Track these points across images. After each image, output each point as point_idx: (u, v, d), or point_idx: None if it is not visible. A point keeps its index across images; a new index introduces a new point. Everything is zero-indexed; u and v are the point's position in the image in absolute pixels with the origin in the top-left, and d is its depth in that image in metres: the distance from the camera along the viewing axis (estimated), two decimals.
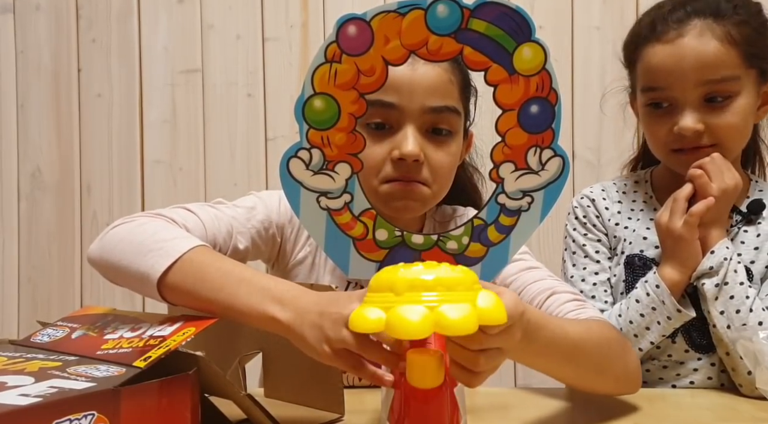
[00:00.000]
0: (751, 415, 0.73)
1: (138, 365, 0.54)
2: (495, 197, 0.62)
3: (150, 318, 0.64)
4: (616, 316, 0.88)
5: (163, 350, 0.55)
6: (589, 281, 0.94)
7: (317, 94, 0.59)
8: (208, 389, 0.62)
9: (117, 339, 0.61)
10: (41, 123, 1.64)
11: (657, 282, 0.84)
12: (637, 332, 0.86)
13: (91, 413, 0.47)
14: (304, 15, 1.57)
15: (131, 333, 0.62)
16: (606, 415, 0.71)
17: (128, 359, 0.55)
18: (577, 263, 0.96)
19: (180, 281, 0.65)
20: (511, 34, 0.57)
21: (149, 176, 1.61)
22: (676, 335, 0.87)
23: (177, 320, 0.62)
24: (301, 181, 0.61)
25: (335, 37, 0.57)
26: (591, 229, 0.96)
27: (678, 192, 0.84)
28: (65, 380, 0.51)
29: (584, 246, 0.96)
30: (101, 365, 0.55)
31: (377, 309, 0.45)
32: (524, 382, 1.48)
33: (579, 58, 1.55)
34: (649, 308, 0.84)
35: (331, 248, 0.63)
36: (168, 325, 0.61)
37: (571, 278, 0.95)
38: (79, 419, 0.46)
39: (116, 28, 1.62)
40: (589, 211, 0.97)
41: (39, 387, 0.48)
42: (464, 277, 0.47)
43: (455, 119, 0.80)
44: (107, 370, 0.54)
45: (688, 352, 0.88)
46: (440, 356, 0.48)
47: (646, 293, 0.85)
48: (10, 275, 1.65)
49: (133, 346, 0.58)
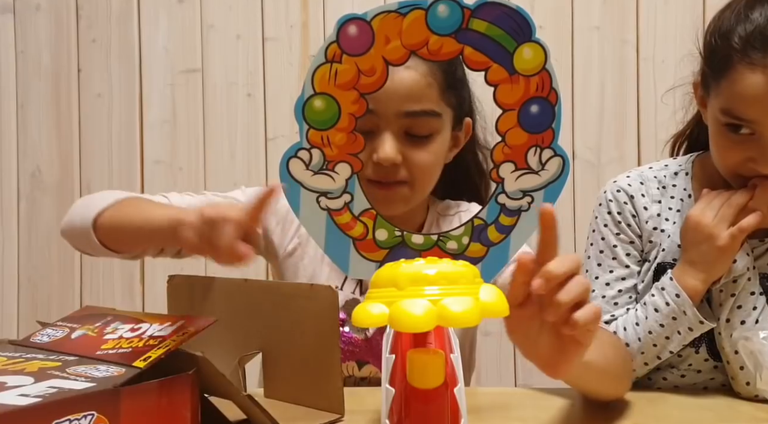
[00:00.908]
0: (751, 415, 0.73)
1: (138, 366, 0.54)
2: (495, 197, 0.62)
3: (150, 318, 0.65)
4: (633, 324, 0.83)
5: (162, 350, 0.55)
6: (614, 287, 0.86)
7: (317, 94, 0.59)
8: (208, 389, 0.62)
9: (117, 339, 0.61)
10: (41, 123, 1.64)
11: (677, 291, 0.78)
12: (657, 341, 0.81)
13: (91, 413, 0.47)
14: (304, 15, 1.57)
15: (131, 333, 0.62)
16: (606, 415, 0.71)
17: (128, 359, 0.55)
18: (604, 263, 0.87)
19: (108, 218, 0.76)
20: (512, 34, 0.57)
21: (149, 176, 1.61)
22: (701, 344, 0.83)
23: (177, 319, 0.62)
24: (301, 181, 0.61)
25: (336, 37, 0.57)
26: (625, 229, 0.87)
27: (734, 198, 0.77)
28: (65, 380, 0.51)
29: (615, 247, 0.87)
30: (101, 365, 0.55)
31: (380, 304, 0.45)
32: (524, 382, 1.48)
33: (579, 58, 1.55)
34: (669, 317, 0.79)
35: (331, 248, 0.63)
36: (168, 325, 0.61)
37: (596, 279, 0.87)
38: (79, 419, 0.46)
39: (116, 28, 1.62)
40: (626, 208, 0.87)
41: (39, 387, 0.48)
42: (466, 271, 0.47)
43: (434, 121, 0.82)
44: (107, 370, 0.54)
45: (708, 361, 0.84)
46: (441, 356, 0.48)
47: (666, 302, 0.79)
48: (10, 275, 1.65)
49: (133, 346, 0.58)
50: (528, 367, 1.50)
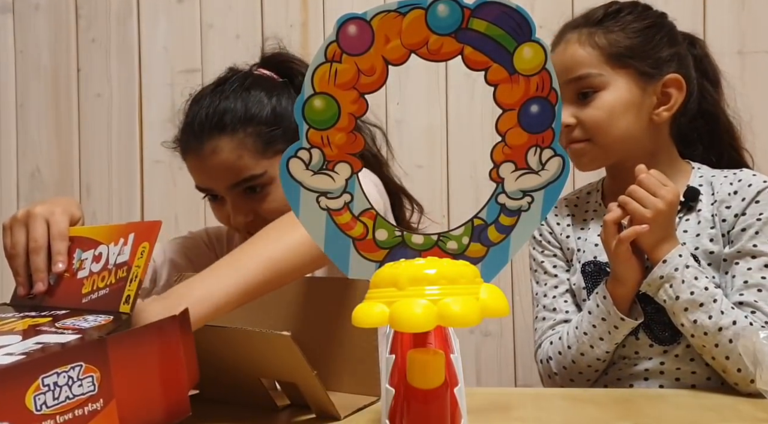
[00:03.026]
0: (751, 415, 0.73)
1: (124, 311, 0.54)
2: (495, 197, 0.62)
3: (102, 235, 0.66)
4: (573, 328, 0.91)
5: (135, 284, 0.57)
6: (549, 295, 0.99)
7: (317, 94, 0.59)
8: (266, 370, 0.62)
9: (89, 277, 0.63)
10: (41, 123, 1.64)
11: (604, 293, 0.88)
12: (592, 342, 0.89)
13: (79, 364, 0.47)
14: (304, 15, 1.57)
15: (97, 265, 0.63)
16: (606, 415, 0.71)
17: (112, 305, 0.56)
18: (539, 280, 1.02)
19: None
20: (512, 33, 0.57)
21: (149, 176, 1.61)
22: (638, 331, 0.89)
23: (126, 232, 0.63)
24: (301, 181, 0.61)
25: (335, 36, 0.57)
26: (546, 246, 1.02)
27: (607, 216, 0.87)
28: (53, 335, 0.51)
29: (542, 263, 1.02)
30: (89, 316, 0.56)
31: (380, 304, 0.45)
32: (524, 382, 1.48)
33: None
34: (599, 318, 0.88)
35: (330, 248, 0.63)
36: (123, 243, 0.62)
37: (536, 295, 1.01)
38: (67, 371, 0.46)
39: (116, 28, 1.62)
40: (543, 229, 1.03)
41: (25, 344, 0.49)
42: (466, 270, 0.47)
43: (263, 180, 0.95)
44: (95, 319, 0.54)
45: (653, 346, 0.89)
46: (441, 355, 0.48)
47: (596, 304, 0.89)
48: (10, 274, 1.65)
49: (107, 283, 0.60)
50: (528, 367, 1.50)
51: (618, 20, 0.95)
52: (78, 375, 0.46)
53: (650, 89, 0.93)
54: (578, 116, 0.93)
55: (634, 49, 0.93)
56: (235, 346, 0.65)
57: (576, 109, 0.93)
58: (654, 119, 0.94)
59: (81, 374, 0.46)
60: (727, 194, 0.90)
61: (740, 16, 1.39)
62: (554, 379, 0.94)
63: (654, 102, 0.94)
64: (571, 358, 0.91)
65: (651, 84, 0.93)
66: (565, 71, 0.94)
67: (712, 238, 0.89)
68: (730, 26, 0.99)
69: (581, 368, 0.91)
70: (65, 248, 0.68)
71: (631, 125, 0.93)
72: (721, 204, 0.90)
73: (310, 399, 0.66)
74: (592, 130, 0.93)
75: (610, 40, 0.93)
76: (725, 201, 0.90)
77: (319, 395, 0.63)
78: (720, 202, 0.90)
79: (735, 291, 0.86)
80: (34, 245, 0.69)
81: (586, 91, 0.93)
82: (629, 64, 0.93)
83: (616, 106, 0.92)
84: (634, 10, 0.96)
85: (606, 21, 0.95)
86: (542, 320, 0.99)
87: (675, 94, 0.93)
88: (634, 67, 0.93)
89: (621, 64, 0.92)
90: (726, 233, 0.89)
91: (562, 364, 0.92)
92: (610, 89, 0.92)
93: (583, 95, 0.93)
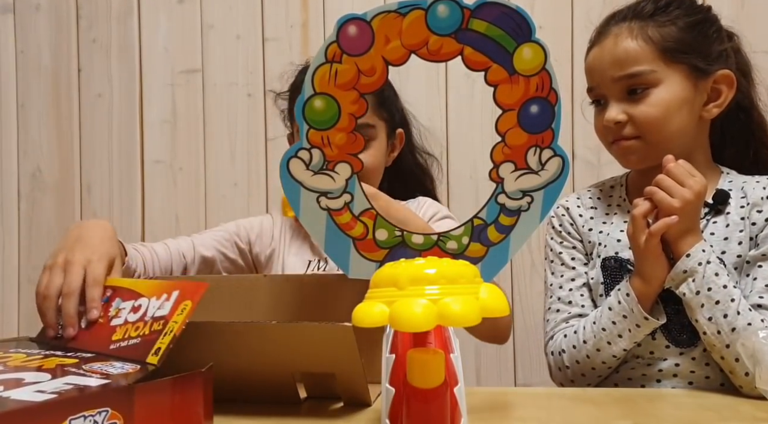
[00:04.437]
0: (751, 415, 0.73)
1: (151, 362, 0.54)
2: (495, 197, 0.62)
3: (145, 289, 0.66)
4: (591, 323, 0.90)
5: (169, 338, 0.57)
6: (565, 287, 0.97)
7: (317, 94, 0.59)
8: (299, 364, 0.63)
9: (123, 325, 0.62)
10: (41, 123, 1.64)
11: (627, 291, 0.86)
12: (610, 339, 0.87)
13: (105, 409, 0.47)
14: (304, 15, 1.57)
15: (134, 315, 0.63)
16: (606, 415, 0.71)
17: (140, 355, 0.57)
18: (555, 271, 1.00)
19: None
20: (512, 34, 0.57)
21: (149, 176, 1.61)
22: (656, 331, 0.88)
23: (171, 289, 0.63)
24: (301, 181, 0.61)
25: (336, 37, 0.57)
26: (566, 237, 1.00)
27: (635, 210, 0.84)
28: (81, 377, 0.51)
29: (560, 254, 0.99)
30: (116, 362, 0.56)
31: (380, 303, 0.45)
32: (524, 382, 1.48)
33: (579, 58, 1.54)
34: (620, 315, 0.86)
35: (331, 248, 0.64)
36: (165, 299, 0.62)
37: (551, 286, 0.99)
38: (94, 415, 0.46)
39: (116, 28, 1.62)
40: (564, 219, 1.01)
41: (55, 384, 0.49)
42: (466, 270, 0.47)
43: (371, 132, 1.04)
44: (122, 367, 0.55)
45: (669, 347, 0.88)
46: (441, 355, 0.48)
47: (618, 300, 0.87)
48: (10, 275, 1.65)
49: (140, 334, 0.60)
50: (528, 367, 1.50)
51: (669, 14, 0.92)
52: (104, 420, 0.46)
53: (702, 86, 0.91)
54: (630, 113, 0.91)
55: (688, 44, 0.91)
56: (271, 342, 0.63)
57: (627, 106, 0.91)
58: (704, 116, 0.92)
59: (106, 419, 0.47)
60: (760, 198, 0.89)
61: (740, 16, 1.39)
62: (564, 372, 0.93)
63: (704, 99, 0.92)
64: (585, 353, 0.90)
65: (703, 80, 0.91)
66: (617, 65, 0.91)
67: (741, 241, 0.88)
68: (730, 26, 0.99)
69: (595, 364, 0.90)
70: (99, 294, 0.69)
71: (683, 123, 0.91)
72: (753, 207, 0.89)
73: (343, 388, 0.65)
74: (645, 127, 0.91)
75: (663, 34, 0.90)
76: (758, 205, 0.89)
77: (359, 382, 0.62)
78: (752, 206, 0.89)
79: (755, 293, 0.84)
80: (68, 290, 0.69)
81: (636, 88, 0.91)
82: (683, 60, 0.90)
83: (672, 103, 0.90)
84: (681, 4, 0.94)
85: (657, 14, 0.92)
86: (556, 312, 0.97)
87: (725, 90, 0.92)
88: (688, 63, 0.90)
89: (675, 59, 0.90)
90: (754, 237, 0.88)
91: (575, 358, 0.91)
92: (664, 86, 0.90)
93: (633, 91, 0.91)
